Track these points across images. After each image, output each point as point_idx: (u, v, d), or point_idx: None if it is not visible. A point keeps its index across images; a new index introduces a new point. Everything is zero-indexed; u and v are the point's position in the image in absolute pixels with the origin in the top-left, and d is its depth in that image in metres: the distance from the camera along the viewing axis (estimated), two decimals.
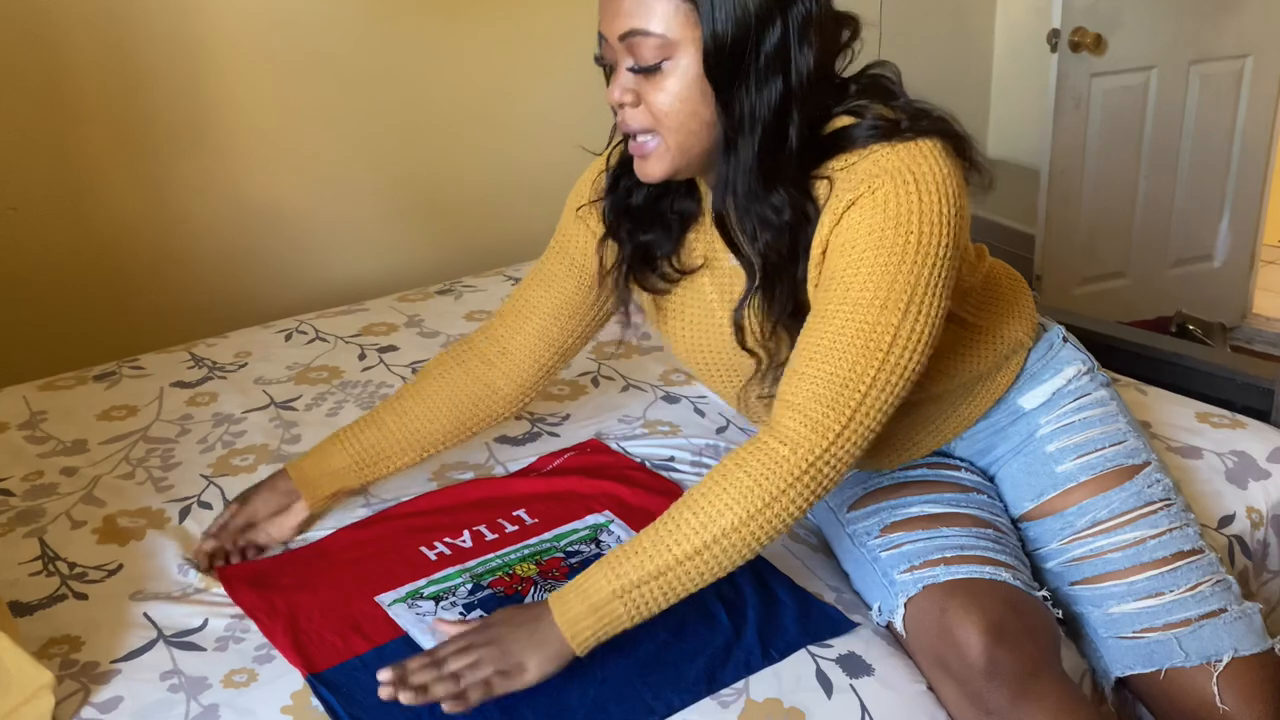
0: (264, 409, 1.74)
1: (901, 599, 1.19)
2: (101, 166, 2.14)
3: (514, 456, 1.59)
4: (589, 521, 1.41)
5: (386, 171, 2.47)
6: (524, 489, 1.48)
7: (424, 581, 1.30)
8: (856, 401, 1.06)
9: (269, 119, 2.30)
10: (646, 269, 1.27)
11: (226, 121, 2.25)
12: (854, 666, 1.17)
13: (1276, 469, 1.53)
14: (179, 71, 2.16)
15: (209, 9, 2.17)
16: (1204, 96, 3.05)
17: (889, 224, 1.06)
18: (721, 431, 1.64)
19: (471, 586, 1.29)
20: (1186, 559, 1.25)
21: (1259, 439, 1.58)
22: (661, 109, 1.09)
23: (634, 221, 1.25)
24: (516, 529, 1.40)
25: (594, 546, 1.36)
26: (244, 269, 2.34)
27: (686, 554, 1.06)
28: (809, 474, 1.06)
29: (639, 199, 1.24)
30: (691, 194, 1.24)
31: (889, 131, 1.09)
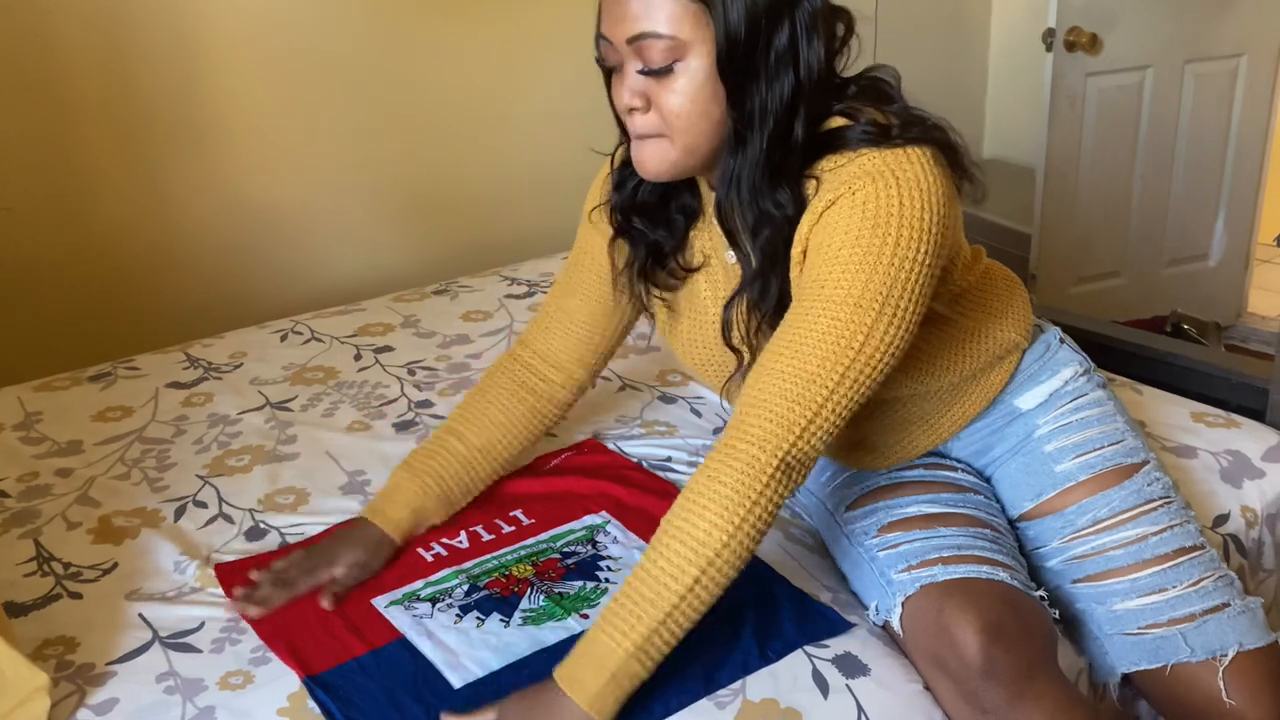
0: (259, 409, 1.74)
1: (899, 598, 1.19)
2: (98, 166, 2.14)
3: None
4: (586, 522, 1.41)
5: (383, 172, 2.47)
6: (521, 489, 1.48)
7: (420, 583, 1.30)
8: (823, 398, 1.06)
9: (266, 119, 2.30)
10: (657, 267, 1.27)
11: (224, 121, 2.25)
12: (850, 667, 1.17)
13: (1271, 468, 1.53)
14: (177, 71, 2.16)
15: (208, 9, 2.16)
16: (1199, 96, 3.05)
17: (867, 225, 1.06)
18: (718, 432, 1.64)
19: (468, 588, 1.29)
20: (1188, 555, 1.26)
21: (1254, 438, 1.58)
22: (673, 110, 1.09)
23: (644, 220, 1.25)
24: (513, 529, 1.40)
25: (590, 547, 1.36)
26: (241, 269, 2.33)
27: (687, 586, 1.05)
28: (781, 469, 1.06)
29: (646, 197, 1.24)
30: (693, 191, 1.25)
31: (879, 137, 1.09)
